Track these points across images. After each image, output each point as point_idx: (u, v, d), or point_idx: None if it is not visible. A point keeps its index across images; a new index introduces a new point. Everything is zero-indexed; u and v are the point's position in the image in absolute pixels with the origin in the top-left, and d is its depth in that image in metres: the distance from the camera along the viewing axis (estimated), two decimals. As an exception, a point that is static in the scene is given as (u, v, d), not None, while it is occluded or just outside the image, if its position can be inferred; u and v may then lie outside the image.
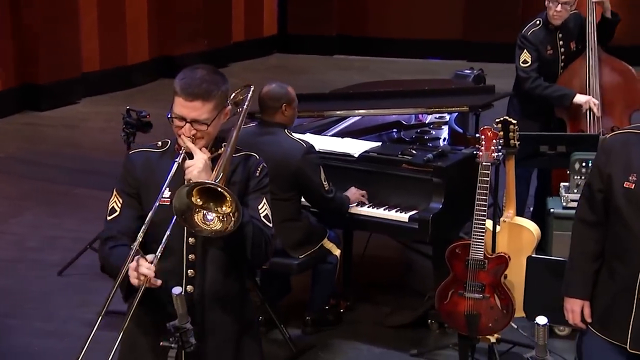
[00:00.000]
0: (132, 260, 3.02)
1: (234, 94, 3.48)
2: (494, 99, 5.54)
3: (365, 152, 5.24)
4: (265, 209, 3.20)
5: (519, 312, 4.65)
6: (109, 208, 3.27)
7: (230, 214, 2.95)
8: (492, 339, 4.75)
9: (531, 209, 6.41)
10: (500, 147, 4.59)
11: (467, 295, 4.63)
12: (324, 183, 4.85)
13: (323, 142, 5.29)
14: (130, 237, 3.19)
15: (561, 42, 6.16)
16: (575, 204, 5.05)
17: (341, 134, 5.73)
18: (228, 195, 2.94)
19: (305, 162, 4.78)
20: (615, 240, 3.45)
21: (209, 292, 3.19)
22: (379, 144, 5.40)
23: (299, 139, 4.88)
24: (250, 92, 3.50)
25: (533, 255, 3.95)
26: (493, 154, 4.56)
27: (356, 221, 5.15)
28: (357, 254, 5.79)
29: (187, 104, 3.10)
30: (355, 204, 5.10)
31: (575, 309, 3.56)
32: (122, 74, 11.77)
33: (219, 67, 13.37)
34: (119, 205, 3.24)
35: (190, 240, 3.15)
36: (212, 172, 3.06)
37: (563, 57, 6.19)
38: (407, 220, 4.98)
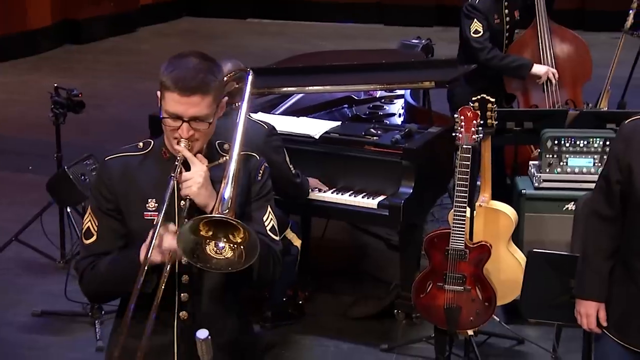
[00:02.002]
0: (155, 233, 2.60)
1: (226, 83, 3.00)
2: (460, 74, 5.20)
3: (326, 132, 4.85)
4: (271, 219, 2.79)
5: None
6: (84, 229, 2.81)
7: (242, 245, 2.54)
8: (470, 332, 4.46)
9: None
10: (480, 127, 4.26)
11: (447, 288, 4.32)
12: (290, 167, 4.44)
13: (278, 123, 4.86)
14: None
15: (507, 11, 5.87)
16: (548, 184, 4.88)
17: (292, 113, 5.32)
18: (242, 228, 2.52)
19: (268, 145, 4.34)
20: (636, 236, 3.16)
21: (204, 319, 2.76)
22: (338, 123, 5.01)
23: (259, 120, 4.44)
24: (250, 80, 3.03)
25: (535, 250, 3.65)
26: (473, 136, 4.24)
27: (318, 208, 4.77)
28: (314, 238, 5.42)
29: (184, 99, 2.64)
30: (314, 189, 4.72)
31: (591, 312, 3.26)
32: (23, 39, 11.02)
33: (126, 32, 12.87)
34: (95, 227, 2.77)
35: (183, 259, 2.70)
36: (214, 187, 2.67)
37: (508, 26, 5.91)
38: (375, 206, 4.62)
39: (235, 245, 2.54)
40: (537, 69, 5.67)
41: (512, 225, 4.51)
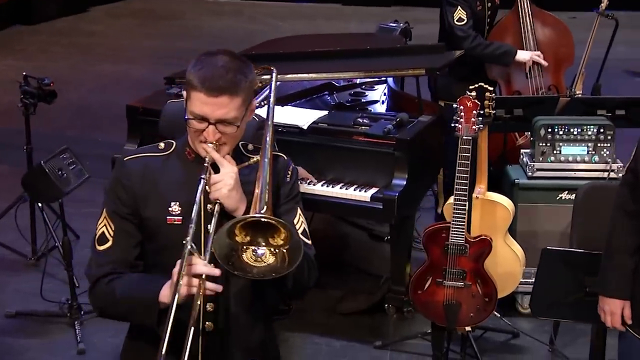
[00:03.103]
0: (184, 262, 2.36)
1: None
2: (449, 60, 5.04)
3: (314, 123, 4.67)
4: (302, 222, 2.62)
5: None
6: (98, 234, 2.59)
7: (284, 247, 2.35)
8: (467, 327, 4.34)
9: None
10: (480, 118, 4.12)
11: (447, 284, 4.18)
12: None
13: (264, 113, 4.66)
14: (130, 269, 2.55)
15: None
16: (542, 173, 4.77)
17: (286, 102, 5.12)
18: (282, 227, 2.34)
19: (259, 138, 4.14)
20: None
21: (231, 330, 2.59)
22: (325, 112, 4.84)
23: (250, 113, 4.24)
24: (275, 78, 2.84)
25: (549, 247, 3.53)
26: (473, 127, 4.09)
27: (307, 201, 4.51)
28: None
29: (211, 100, 2.45)
30: (302, 182, 4.54)
31: (615, 310, 3.15)
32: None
33: (78, 12, 12.46)
34: (111, 231, 2.56)
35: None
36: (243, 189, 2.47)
37: (489, 12, 5.75)
38: (368, 199, 4.46)
39: (277, 249, 2.36)
40: (521, 55, 5.55)
41: (509, 217, 4.39)
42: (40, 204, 5.12)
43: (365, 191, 4.49)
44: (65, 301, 4.82)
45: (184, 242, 2.37)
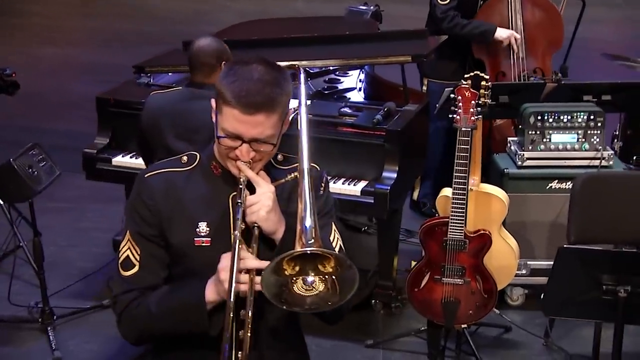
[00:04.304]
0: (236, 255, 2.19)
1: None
2: (435, 46, 4.87)
3: (297, 113, 4.45)
4: (338, 239, 2.42)
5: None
6: (122, 258, 2.36)
7: (334, 275, 2.16)
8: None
9: None
10: (479, 108, 3.96)
11: (445, 281, 4.03)
12: None
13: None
14: None
15: None
16: (532, 162, 4.64)
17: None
18: (334, 258, 2.15)
19: None
20: None
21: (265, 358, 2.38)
22: (308, 102, 4.63)
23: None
24: (303, 79, 2.62)
25: (566, 246, 3.39)
26: (472, 117, 3.94)
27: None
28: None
29: (246, 118, 2.23)
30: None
31: None
32: None
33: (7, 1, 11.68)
34: (137, 255, 2.34)
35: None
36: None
37: None
38: (359, 193, 4.28)
39: (326, 276, 2.17)
40: (500, 33, 5.39)
41: (504, 209, 4.25)
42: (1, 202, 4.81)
43: (354, 185, 4.31)
44: (35, 305, 4.55)
45: (233, 233, 2.20)
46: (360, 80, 5.24)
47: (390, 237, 4.58)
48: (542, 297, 3.59)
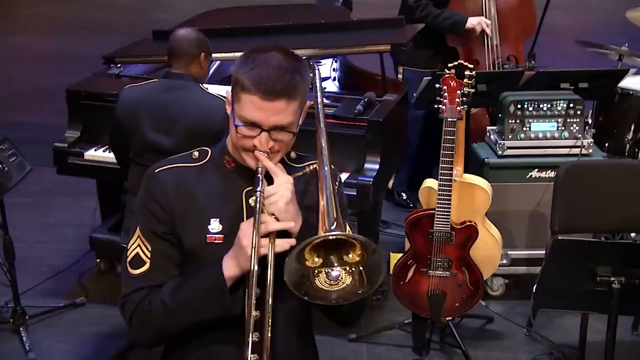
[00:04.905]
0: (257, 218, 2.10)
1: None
2: (413, 34, 4.80)
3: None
4: None
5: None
6: (131, 256, 2.25)
7: (361, 264, 2.06)
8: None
9: None
10: (464, 98, 3.90)
11: (432, 273, 3.98)
12: None
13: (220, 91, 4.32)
14: None
15: None
16: (512, 152, 4.60)
17: (217, 82, 4.77)
18: (359, 243, 2.05)
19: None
20: None
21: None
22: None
23: (218, 95, 3.92)
24: (318, 75, 2.54)
25: (561, 238, 3.36)
26: (458, 107, 3.88)
27: (272, 188, 4.29)
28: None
29: (266, 104, 2.13)
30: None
31: None
32: None
33: None
34: (147, 253, 2.24)
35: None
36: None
37: None
38: (341, 186, 4.20)
39: (353, 268, 2.07)
40: (471, 21, 5.34)
41: (488, 200, 4.21)
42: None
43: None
44: (5, 305, 4.41)
45: (256, 190, 2.13)
46: (334, 70, 5.15)
47: (371, 230, 4.51)
48: (534, 289, 3.56)
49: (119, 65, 4.80)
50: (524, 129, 4.58)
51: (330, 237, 2.02)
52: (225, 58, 4.69)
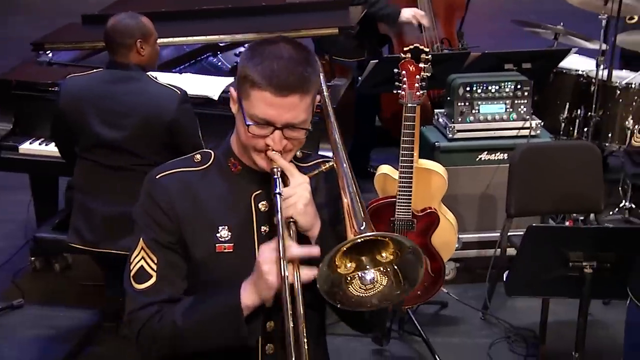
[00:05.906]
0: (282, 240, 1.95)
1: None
2: (359, 18, 4.68)
3: (224, 92, 4.20)
4: None
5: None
6: (135, 269, 2.07)
7: (395, 263, 1.94)
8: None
9: None
10: (423, 83, 3.81)
11: (394, 262, 3.89)
12: (201, 138, 3.79)
13: (172, 79, 4.13)
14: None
15: None
16: (463, 135, 4.55)
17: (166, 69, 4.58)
18: (392, 241, 1.92)
19: (182, 113, 3.67)
20: None
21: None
22: (230, 79, 4.36)
23: (169, 85, 3.73)
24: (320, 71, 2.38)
25: (534, 225, 3.28)
26: (417, 93, 3.79)
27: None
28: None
29: (278, 100, 1.97)
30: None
31: None
32: None
33: None
34: (153, 265, 2.06)
35: None
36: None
37: None
38: (297, 175, 4.07)
39: (387, 268, 1.94)
40: (404, 14, 5.29)
41: (444, 185, 4.14)
42: None
43: (289, 165, 4.09)
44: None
45: (275, 193, 1.98)
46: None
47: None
48: (505, 277, 3.52)
49: (48, 52, 4.54)
50: (473, 111, 4.54)
51: (364, 239, 1.90)
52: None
